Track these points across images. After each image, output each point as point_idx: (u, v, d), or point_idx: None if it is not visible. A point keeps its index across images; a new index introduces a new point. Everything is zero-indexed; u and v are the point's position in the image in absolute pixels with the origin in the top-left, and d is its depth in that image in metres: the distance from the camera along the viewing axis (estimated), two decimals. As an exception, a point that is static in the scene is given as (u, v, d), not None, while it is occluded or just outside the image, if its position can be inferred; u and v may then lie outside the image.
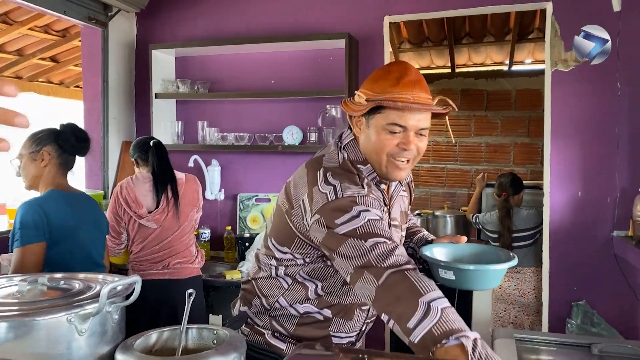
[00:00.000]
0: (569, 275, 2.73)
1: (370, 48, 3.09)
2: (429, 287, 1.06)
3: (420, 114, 1.23)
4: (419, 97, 1.22)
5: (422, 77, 1.27)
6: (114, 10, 3.28)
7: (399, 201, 1.43)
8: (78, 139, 2.04)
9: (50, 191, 2.01)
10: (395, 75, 1.24)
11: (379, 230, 1.16)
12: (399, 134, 1.24)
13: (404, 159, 1.26)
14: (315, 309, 1.39)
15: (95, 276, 1.36)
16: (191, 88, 3.32)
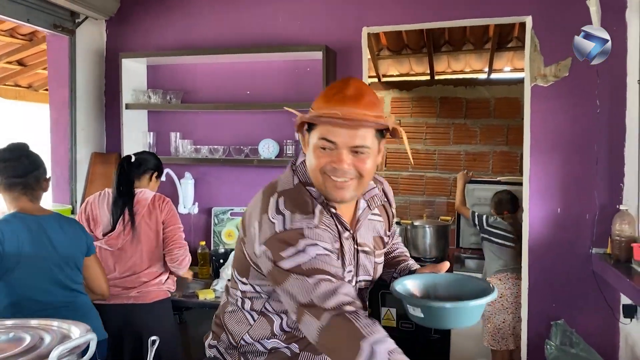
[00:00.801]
0: (547, 292, 2.71)
1: (348, 59, 3.02)
2: (371, 329, 1.02)
3: (352, 131, 1.16)
4: (350, 113, 1.14)
5: (365, 94, 1.18)
6: (81, 18, 3.14)
7: (369, 225, 1.37)
8: (3, 161, 1.92)
9: (9, 215, 1.94)
10: (332, 92, 1.19)
11: (326, 267, 1.13)
12: (331, 150, 1.18)
13: (341, 178, 1.19)
14: (283, 344, 1.34)
15: (50, 323, 1.27)
16: (163, 98, 3.21)
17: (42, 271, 1.95)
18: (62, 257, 1.98)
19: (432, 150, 4.59)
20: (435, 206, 4.59)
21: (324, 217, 1.23)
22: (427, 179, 4.61)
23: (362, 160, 1.19)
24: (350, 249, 1.30)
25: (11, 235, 1.87)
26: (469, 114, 4.46)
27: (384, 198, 1.43)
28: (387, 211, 1.44)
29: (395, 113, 4.68)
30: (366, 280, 1.37)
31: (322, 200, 1.25)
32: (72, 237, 2.01)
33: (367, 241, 1.35)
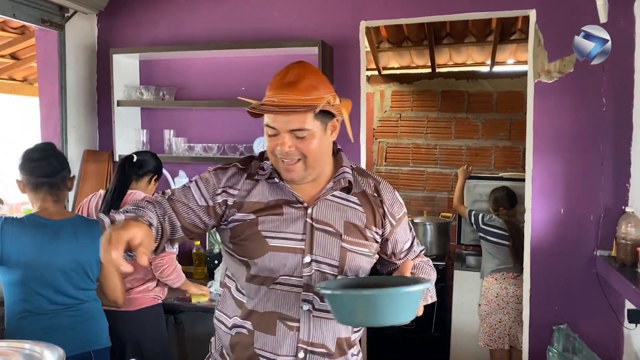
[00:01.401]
0: (549, 295, 2.64)
1: (345, 54, 2.92)
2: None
3: (287, 116, 1.23)
4: (284, 99, 1.22)
5: (304, 78, 1.24)
6: (70, 12, 3.05)
7: (338, 207, 1.35)
8: (32, 161, 1.95)
9: (26, 216, 1.96)
10: (275, 79, 1.27)
11: (177, 192, 1.35)
12: (275, 135, 1.27)
13: (286, 159, 1.28)
14: (240, 320, 1.35)
15: (21, 346, 1.20)
16: (156, 95, 3.12)
17: (44, 276, 1.93)
18: (70, 263, 1.94)
19: (433, 144, 4.49)
20: (436, 202, 4.50)
21: (229, 171, 1.36)
22: (427, 174, 4.53)
23: (304, 142, 1.26)
24: (299, 220, 1.32)
25: (15, 235, 1.89)
26: (470, 108, 4.36)
27: (375, 193, 1.39)
28: (374, 206, 1.37)
29: (395, 107, 4.58)
30: (330, 265, 1.32)
31: (271, 172, 1.34)
32: (85, 243, 1.95)
33: (330, 221, 1.33)
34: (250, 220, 1.31)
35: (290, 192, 1.33)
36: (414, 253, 1.48)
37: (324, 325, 1.34)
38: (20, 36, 4.16)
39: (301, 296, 1.31)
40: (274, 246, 1.30)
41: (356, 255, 1.34)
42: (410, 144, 4.56)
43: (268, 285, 1.31)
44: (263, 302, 1.32)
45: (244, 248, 1.32)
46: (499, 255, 3.34)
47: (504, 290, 3.25)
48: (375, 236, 1.38)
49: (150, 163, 2.48)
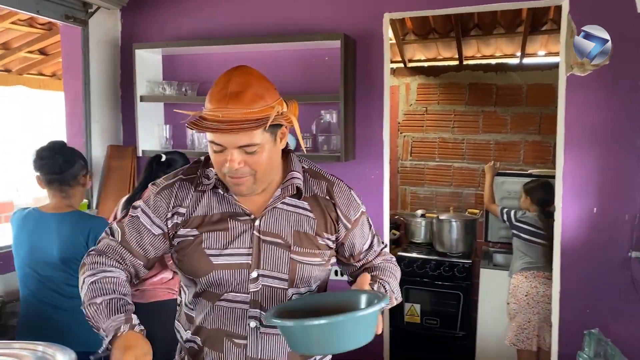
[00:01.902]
0: (581, 298, 2.53)
1: (368, 47, 2.86)
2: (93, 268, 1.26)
3: (234, 134, 1.13)
4: (228, 114, 1.12)
5: (248, 87, 1.14)
6: (94, 8, 3.05)
7: (288, 217, 1.28)
8: (40, 158, 2.05)
9: (28, 210, 2.09)
10: (215, 89, 1.16)
11: (127, 229, 1.29)
12: (221, 152, 1.18)
13: (236, 176, 1.19)
14: (191, 335, 1.32)
15: (35, 347, 1.20)
16: (178, 90, 3.12)
17: (37, 269, 2.02)
18: (54, 257, 1.99)
19: (460, 139, 4.38)
20: (463, 198, 4.40)
21: (175, 188, 1.28)
22: (454, 169, 4.42)
23: (254, 157, 1.18)
24: (244, 233, 1.25)
25: (17, 228, 2.06)
26: (499, 101, 4.23)
27: (327, 195, 1.31)
28: (325, 210, 1.30)
29: (421, 100, 4.48)
30: (279, 279, 1.26)
31: (215, 182, 1.26)
32: (67, 240, 1.99)
33: (279, 232, 1.26)
34: (194, 238, 1.25)
35: (236, 204, 1.26)
36: (374, 253, 1.41)
37: (272, 341, 1.28)
38: (48, 32, 4.22)
39: (248, 313, 1.26)
40: (218, 264, 1.24)
41: (307, 266, 1.28)
42: (437, 138, 4.46)
43: (214, 302, 1.27)
44: (210, 319, 1.28)
45: (188, 266, 1.27)
46: (530, 253, 3.23)
47: (534, 289, 3.15)
48: (327, 243, 1.31)
49: (178, 163, 2.49)
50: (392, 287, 1.33)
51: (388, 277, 1.34)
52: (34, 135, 5.44)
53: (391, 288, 1.32)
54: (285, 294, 1.27)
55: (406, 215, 4.35)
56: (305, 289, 1.30)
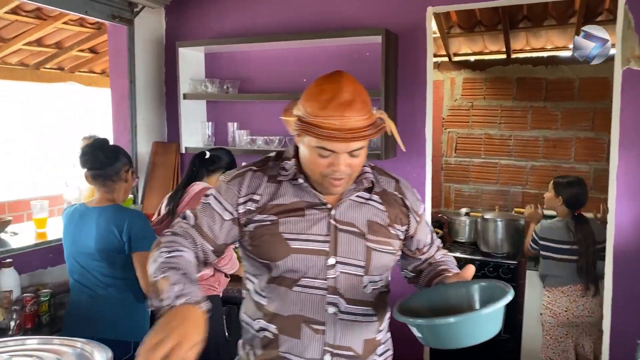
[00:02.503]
0: (635, 307, 2.39)
1: (411, 42, 2.79)
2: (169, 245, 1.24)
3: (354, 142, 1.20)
4: (347, 122, 1.17)
5: (358, 95, 1.20)
6: (139, 7, 3.11)
7: (362, 207, 1.34)
8: (83, 155, 2.14)
9: (75, 205, 2.21)
10: (325, 97, 1.18)
11: (200, 214, 1.31)
12: (328, 157, 1.22)
13: (338, 178, 1.25)
14: (265, 323, 1.34)
15: (73, 344, 1.22)
16: (220, 87, 3.14)
17: (78, 260, 2.12)
18: (91, 248, 2.07)
19: (507, 135, 4.23)
20: (510, 196, 4.25)
21: (246, 177, 1.32)
22: (501, 166, 4.28)
23: (356, 160, 1.25)
24: (322, 221, 1.30)
25: (66, 221, 2.17)
26: (549, 96, 4.05)
27: (396, 191, 1.39)
28: (396, 204, 1.39)
29: (467, 95, 4.35)
30: (355, 266, 1.31)
31: (294, 172, 1.31)
32: (103, 231, 2.06)
33: (354, 221, 1.32)
34: (271, 222, 1.28)
35: (313, 194, 1.31)
36: (435, 247, 1.48)
37: (350, 327, 1.32)
38: (97, 31, 4.35)
39: (326, 299, 1.29)
40: (296, 248, 1.27)
41: (381, 253, 1.34)
42: (483, 134, 4.33)
43: (290, 288, 1.30)
44: (286, 305, 1.30)
45: (265, 250, 1.29)
46: (563, 272, 2.93)
47: (574, 304, 2.91)
48: (398, 233, 1.38)
49: (223, 160, 2.52)
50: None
51: (453, 268, 1.42)
52: (76, 131, 5.65)
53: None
54: (361, 281, 1.32)
55: (450, 214, 4.25)
56: (377, 277, 1.35)
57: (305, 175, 1.30)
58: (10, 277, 2.30)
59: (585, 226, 2.92)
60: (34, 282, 2.53)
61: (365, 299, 1.33)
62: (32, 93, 5.44)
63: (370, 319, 1.35)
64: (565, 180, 3.06)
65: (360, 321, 1.33)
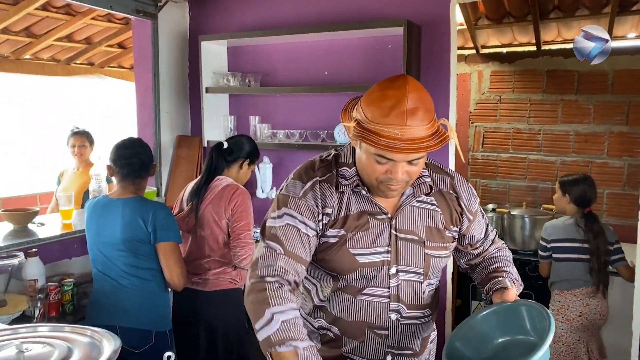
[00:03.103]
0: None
1: (434, 34, 2.73)
2: (278, 302, 1.19)
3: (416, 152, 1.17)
4: (409, 132, 1.13)
5: (422, 103, 1.15)
6: (162, 1, 3.14)
7: (420, 213, 1.34)
8: (122, 158, 2.18)
9: (98, 197, 2.26)
10: (388, 104, 1.14)
11: (284, 238, 1.26)
12: (386, 164, 1.20)
13: (394, 185, 1.23)
14: (326, 324, 1.37)
15: (83, 331, 1.23)
16: (242, 81, 3.15)
17: (101, 251, 2.16)
18: (120, 240, 2.10)
19: (536, 129, 4.12)
20: (539, 192, 4.14)
21: (317, 190, 1.29)
22: (529, 161, 4.17)
23: (415, 168, 1.22)
24: (384, 232, 1.30)
25: (89, 213, 2.21)
26: (581, 89, 3.92)
27: (450, 189, 1.37)
28: (451, 204, 1.37)
29: (495, 88, 4.25)
30: (415, 273, 1.33)
31: (354, 181, 1.29)
32: (128, 222, 2.09)
33: (413, 229, 1.32)
34: (340, 238, 1.29)
35: (375, 203, 1.31)
36: (489, 241, 1.46)
37: (411, 330, 1.36)
38: (125, 26, 4.43)
39: (389, 306, 1.33)
40: (363, 262, 1.29)
41: (438, 259, 1.36)
42: (511, 128, 4.22)
43: (355, 296, 1.32)
44: (350, 312, 1.34)
45: (334, 264, 1.32)
46: (574, 274, 2.80)
47: (587, 308, 2.78)
48: (453, 234, 1.38)
49: (242, 148, 2.47)
50: (515, 276, 1.38)
51: (508, 266, 1.40)
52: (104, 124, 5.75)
53: (514, 277, 1.37)
54: (421, 287, 1.35)
55: (476, 210, 4.16)
56: (434, 280, 1.39)
57: (365, 184, 1.29)
58: (35, 266, 2.35)
59: (595, 224, 2.79)
60: (58, 272, 2.58)
61: (424, 303, 1.38)
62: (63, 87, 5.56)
63: (427, 319, 1.40)
64: (571, 178, 2.94)
65: (419, 323, 1.38)
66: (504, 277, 1.33)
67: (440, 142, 1.15)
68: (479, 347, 1.21)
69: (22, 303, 2.25)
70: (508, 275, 1.35)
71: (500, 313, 1.23)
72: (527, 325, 1.18)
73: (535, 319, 1.16)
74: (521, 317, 1.19)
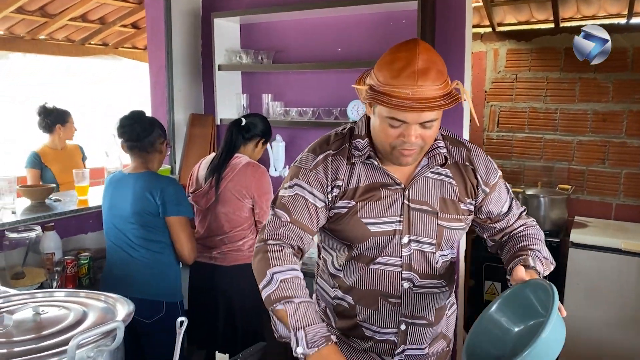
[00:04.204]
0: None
1: (449, 10, 2.69)
2: (278, 263, 1.22)
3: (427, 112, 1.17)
4: (420, 91, 1.13)
5: (433, 64, 1.15)
6: (175, -22, 3.13)
7: (434, 184, 1.34)
8: (121, 127, 2.24)
9: (113, 173, 2.33)
10: (399, 65, 1.15)
11: (291, 207, 1.30)
12: (399, 127, 1.20)
13: (408, 149, 1.23)
14: (341, 294, 1.40)
15: (97, 296, 1.26)
16: (255, 58, 3.14)
17: (113, 223, 2.23)
18: (131, 213, 2.16)
19: (553, 108, 4.04)
20: (554, 173, 4.08)
21: (328, 162, 1.31)
22: (545, 141, 4.11)
23: (428, 131, 1.22)
24: (396, 202, 1.31)
25: (106, 186, 2.30)
26: (600, 67, 3.80)
27: (467, 161, 1.36)
28: (466, 177, 1.36)
29: (511, 67, 4.18)
30: (428, 243, 1.34)
31: (367, 152, 1.31)
32: (139, 196, 2.15)
33: (426, 199, 1.33)
34: (351, 207, 1.31)
35: (387, 174, 1.32)
36: (514, 216, 1.44)
37: (424, 299, 1.38)
38: (138, 6, 4.43)
39: (402, 275, 1.34)
40: (375, 232, 1.31)
41: (452, 230, 1.36)
42: (527, 107, 4.16)
43: (368, 265, 1.35)
44: (364, 280, 1.36)
45: (346, 234, 1.34)
46: None
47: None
48: (469, 207, 1.38)
49: (257, 127, 2.51)
50: (543, 254, 1.34)
51: (536, 243, 1.37)
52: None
53: (543, 255, 1.34)
54: (434, 257, 1.36)
55: (490, 190, 4.13)
56: (448, 252, 1.39)
57: (378, 155, 1.30)
58: (52, 240, 2.40)
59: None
60: (74, 247, 2.63)
61: (437, 273, 1.38)
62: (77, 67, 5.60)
63: (442, 290, 1.41)
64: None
65: (433, 293, 1.39)
66: (528, 254, 1.29)
67: (453, 102, 1.16)
68: (498, 342, 1.17)
69: (39, 276, 2.31)
70: (533, 254, 1.30)
71: (510, 300, 1.18)
72: (537, 306, 1.13)
73: (541, 296, 1.11)
74: (529, 299, 1.15)
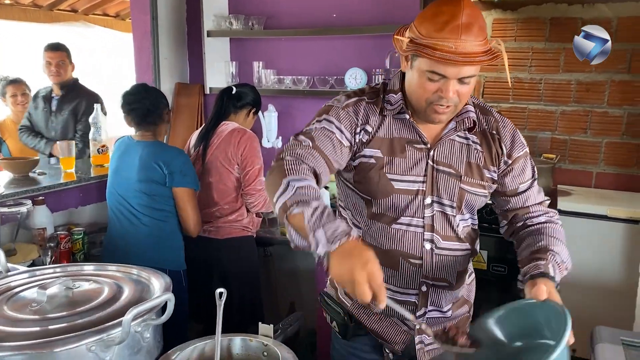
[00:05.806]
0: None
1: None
2: (295, 173, 1.15)
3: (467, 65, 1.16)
4: (463, 45, 1.13)
5: (476, 20, 1.16)
6: (160, -63, 2.96)
7: (460, 148, 1.34)
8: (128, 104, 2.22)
9: (122, 137, 2.32)
10: (442, 19, 1.14)
11: (316, 136, 1.25)
12: (437, 81, 1.19)
13: (444, 105, 1.23)
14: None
15: (129, 270, 1.20)
16: (245, 24, 3.02)
17: (117, 189, 2.21)
18: (136, 180, 2.13)
19: (537, 79, 4.08)
20: (538, 142, 4.14)
21: (360, 107, 1.31)
22: (529, 111, 4.15)
23: (465, 88, 1.22)
24: (420, 162, 1.31)
25: (113, 153, 2.29)
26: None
27: (494, 130, 1.35)
28: (492, 145, 1.35)
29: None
30: (450, 206, 1.34)
31: (399, 106, 1.30)
32: (146, 164, 2.12)
33: (451, 162, 1.33)
34: (377, 160, 1.30)
35: (416, 130, 1.31)
36: (534, 199, 1.40)
37: (445, 261, 1.37)
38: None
39: (424, 236, 1.33)
40: (398, 189, 1.30)
41: (474, 195, 1.36)
42: (512, 77, 4.18)
43: (390, 225, 1.33)
44: (385, 240, 1.34)
45: (369, 187, 1.32)
46: None
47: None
48: (493, 176, 1.38)
49: (249, 96, 2.46)
50: (563, 257, 1.30)
51: (556, 244, 1.31)
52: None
53: (562, 258, 1.29)
54: (455, 220, 1.35)
55: (475, 160, 4.17)
56: (468, 215, 1.39)
57: (410, 111, 1.30)
58: (43, 214, 2.29)
59: None
60: (65, 222, 2.52)
61: (459, 235, 1.37)
62: (46, 34, 5.30)
63: (464, 253, 1.40)
64: None
65: (455, 255, 1.38)
66: (548, 260, 1.21)
67: (493, 58, 1.17)
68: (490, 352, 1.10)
69: (32, 252, 2.20)
70: (553, 258, 1.24)
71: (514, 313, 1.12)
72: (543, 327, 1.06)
73: (550, 318, 1.04)
74: (536, 317, 1.08)
